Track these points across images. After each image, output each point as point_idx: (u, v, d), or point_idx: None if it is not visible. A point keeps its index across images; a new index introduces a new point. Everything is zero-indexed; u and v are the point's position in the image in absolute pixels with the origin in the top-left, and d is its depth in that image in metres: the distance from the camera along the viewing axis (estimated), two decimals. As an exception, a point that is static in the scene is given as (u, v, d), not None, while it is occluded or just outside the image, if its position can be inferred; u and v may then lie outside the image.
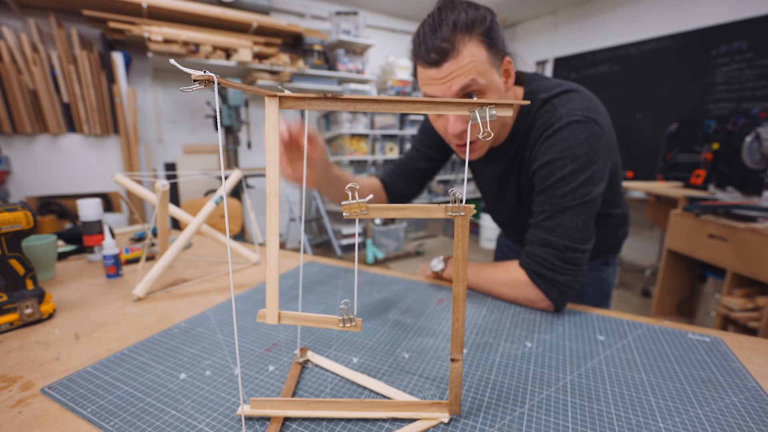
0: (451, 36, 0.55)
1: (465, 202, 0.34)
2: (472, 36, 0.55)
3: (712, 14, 2.75)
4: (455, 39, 0.55)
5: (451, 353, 0.37)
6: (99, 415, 0.39)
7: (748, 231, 1.56)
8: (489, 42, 0.57)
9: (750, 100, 2.60)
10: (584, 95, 0.64)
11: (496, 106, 0.33)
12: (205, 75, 0.26)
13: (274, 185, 0.36)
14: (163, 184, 0.71)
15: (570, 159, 0.60)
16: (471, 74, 0.56)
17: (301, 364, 0.49)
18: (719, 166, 2.06)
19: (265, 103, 0.35)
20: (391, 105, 0.33)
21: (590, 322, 0.61)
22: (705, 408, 0.41)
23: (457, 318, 0.37)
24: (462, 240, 0.35)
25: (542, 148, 0.63)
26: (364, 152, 3.50)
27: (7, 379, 0.46)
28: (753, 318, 1.58)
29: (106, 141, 2.70)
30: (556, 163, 0.61)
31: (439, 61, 0.56)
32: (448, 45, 0.55)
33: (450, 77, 0.56)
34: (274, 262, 0.36)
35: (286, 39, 3.18)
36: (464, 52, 0.55)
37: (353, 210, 0.34)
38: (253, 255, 0.91)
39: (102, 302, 0.68)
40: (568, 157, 0.60)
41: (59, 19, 2.45)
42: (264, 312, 0.38)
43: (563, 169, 0.60)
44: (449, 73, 0.56)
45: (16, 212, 0.59)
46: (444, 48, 0.55)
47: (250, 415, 0.39)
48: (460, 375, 0.38)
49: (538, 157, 0.64)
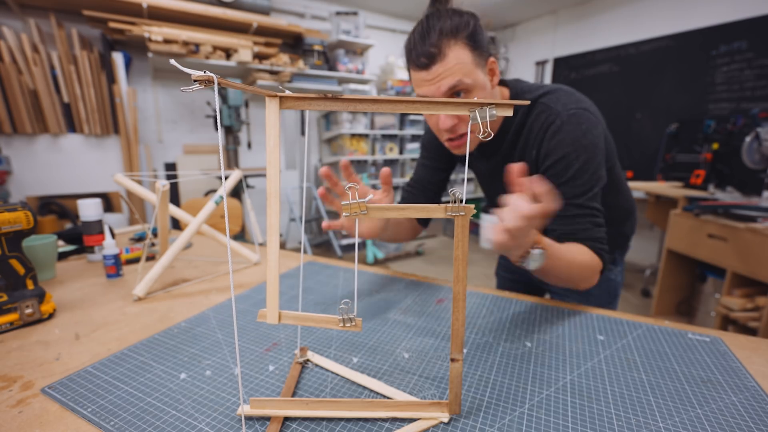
0: (437, 41, 0.60)
1: (465, 202, 0.35)
2: (457, 40, 0.61)
3: (712, 14, 2.75)
4: (441, 44, 0.60)
5: (451, 353, 0.37)
6: (99, 415, 0.39)
7: (748, 231, 1.56)
8: (473, 44, 0.62)
9: (750, 100, 2.60)
10: (566, 91, 0.70)
11: (496, 106, 0.33)
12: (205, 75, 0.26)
13: (275, 185, 0.36)
14: (163, 184, 0.71)
15: (582, 149, 0.65)
16: (457, 75, 0.61)
17: (301, 364, 0.49)
18: (719, 166, 2.07)
19: (266, 103, 0.35)
20: (391, 105, 0.34)
21: (590, 322, 0.61)
22: (705, 408, 0.41)
23: (457, 318, 0.37)
24: (462, 240, 0.35)
25: (552, 144, 0.67)
26: (364, 152, 3.50)
27: (7, 378, 0.46)
28: (753, 318, 1.58)
29: (107, 141, 2.70)
30: (572, 155, 0.65)
31: (428, 64, 0.61)
32: (435, 49, 0.60)
33: (439, 78, 0.61)
34: (275, 262, 0.37)
35: (286, 39, 3.18)
36: (450, 55, 0.60)
37: (353, 210, 0.34)
38: (253, 255, 0.91)
39: (102, 302, 0.69)
40: (580, 148, 0.65)
41: (59, 19, 2.45)
42: (264, 312, 0.38)
43: (579, 159, 0.65)
44: (438, 74, 0.61)
45: (16, 212, 0.59)
46: (432, 52, 0.61)
47: (250, 415, 0.39)
48: (460, 375, 0.38)
49: (550, 153, 0.67)
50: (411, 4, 3.64)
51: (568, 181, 0.66)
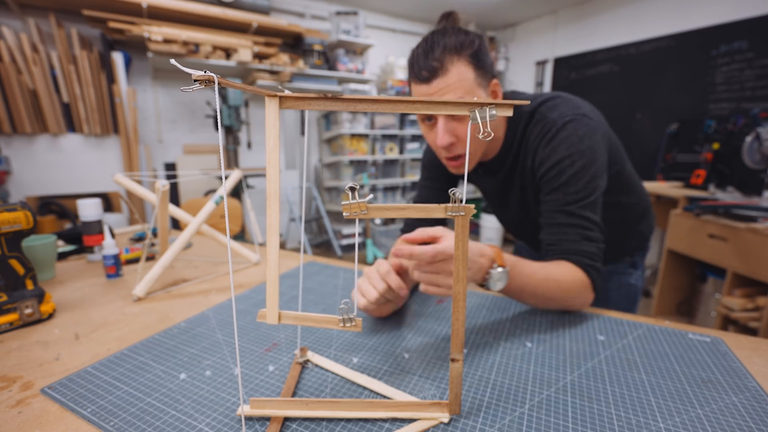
0: (441, 56, 0.60)
1: (465, 202, 0.35)
2: (461, 57, 0.60)
3: (712, 14, 2.75)
4: (444, 59, 0.60)
5: (452, 353, 0.37)
6: (99, 415, 0.39)
7: (749, 231, 1.56)
8: (477, 63, 0.61)
9: (750, 100, 2.60)
10: (565, 98, 0.68)
11: (496, 106, 0.33)
12: (205, 75, 0.26)
13: (275, 185, 0.36)
14: (163, 184, 0.71)
15: (578, 155, 0.62)
16: (458, 92, 0.60)
17: (301, 364, 0.49)
18: (719, 166, 2.06)
19: (266, 103, 0.35)
20: (391, 105, 0.33)
21: (590, 323, 0.61)
22: (705, 408, 0.41)
23: (457, 318, 0.37)
24: (462, 240, 0.35)
25: (546, 151, 0.65)
26: (364, 152, 3.50)
27: (7, 379, 0.46)
28: (753, 318, 1.58)
29: (106, 141, 2.70)
30: (565, 161, 0.63)
31: (429, 78, 0.61)
32: (437, 64, 0.60)
33: (439, 93, 0.61)
34: (275, 262, 0.36)
35: (286, 39, 3.18)
36: (452, 70, 0.60)
37: (353, 210, 0.34)
38: (253, 255, 0.91)
39: (102, 302, 0.68)
40: (576, 153, 0.62)
41: (59, 19, 2.45)
42: (264, 312, 0.38)
43: (573, 166, 0.62)
44: (439, 89, 0.60)
45: (16, 212, 0.59)
46: (434, 66, 0.60)
47: (250, 415, 0.39)
48: (460, 375, 0.38)
49: (545, 160, 0.65)
50: (411, 4, 3.64)
51: (559, 187, 0.63)
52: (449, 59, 0.60)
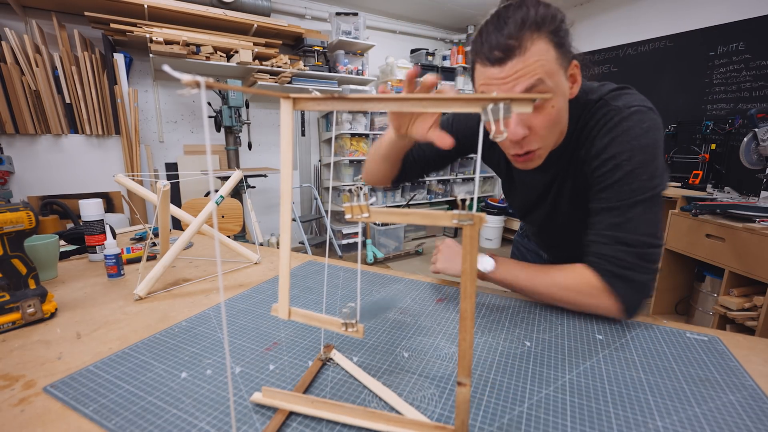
0: (518, 33, 0.50)
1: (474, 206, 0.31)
2: (541, 33, 0.50)
3: (710, 15, 2.75)
4: (522, 36, 0.50)
5: (458, 377, 0.33)
6: (101, 414, 0.40)
7: (746, 231, 1.56)
8: (558, 41, 0.52)
9: (747, 100, 2.60)
10: (632, 90, 0.61)
11: (512, 102, 0.28)
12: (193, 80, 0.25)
13: (287, 185, 0.36)
14: (164, 184, 0.72)
15: (638, 149, 0.55)
16: (538, 74, 0.50)
17: (323, 361, 0.49)
18: (717, 166, 2.07)
19: (281, 104, 0.35)
20: (398, 103, 0.33)
21: (589, 322, 0.61)
22: (703, 406, 0.41)
23: (465, 338, 0.32)
24: (470, 252, 0.30)
25: (604, 141, 0.57)
26: (364, 152, 3.50)
27: (9, 377, 0.46)
28: (750, 317, 1.58)
29: (108, 141, 2.70)
30: (624, 155, 0.55)
31: (503, 59, 0.51)
32: (514, 42, 0.50)
33: (514, 77, 0.51)
34: (286, 259, 0.37)
35: (286, 40, 3.19)
36: (531, 49, 0.50)
37: (355, 212, 0.33)
38: (253, 254, 0.92)
39: (103, 302, 0.69)
40: (636, 147, 0.55)
41: (61, 20, 2.45)
42: (277, 306, 0.39)
43: (631, 161, 0.55)
44: (514, 71, 0.50)
45: (18, 212, 0.59)
46: (510, 45, 0.50)
47: (260, 403, 0.40)
48: (468, 401, 0.33)
49: (601, 151, 0.58)
50: (411, 6, 3.64)
51: (613, 184, 0.56)
52: (528, 36, 0.50)
